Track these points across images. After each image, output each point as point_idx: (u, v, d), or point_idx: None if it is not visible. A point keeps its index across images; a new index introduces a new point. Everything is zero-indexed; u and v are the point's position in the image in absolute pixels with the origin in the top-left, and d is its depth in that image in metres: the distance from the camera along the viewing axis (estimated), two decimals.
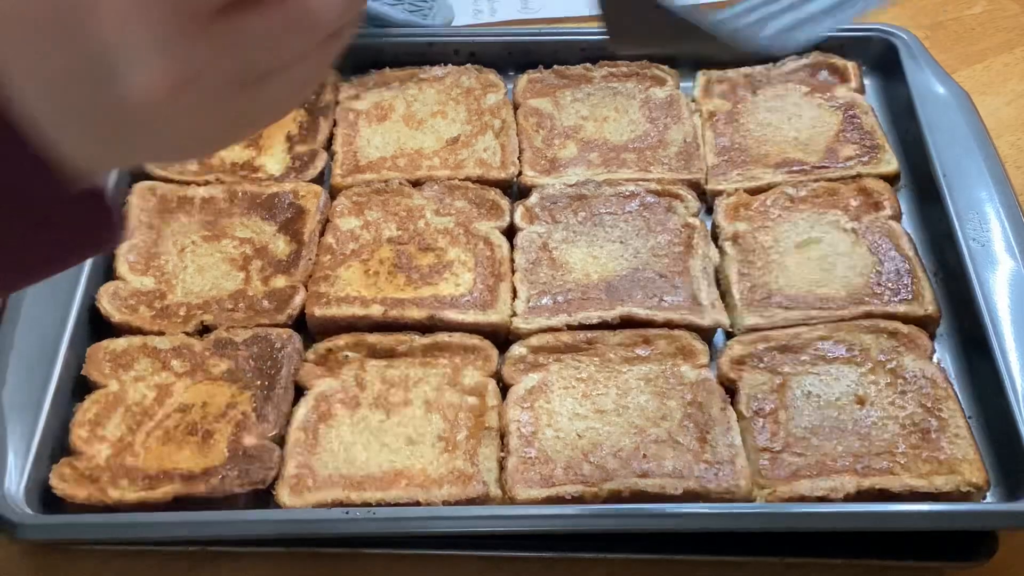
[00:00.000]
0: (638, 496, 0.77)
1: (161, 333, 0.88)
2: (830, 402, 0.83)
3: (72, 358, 0.85)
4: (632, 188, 0.98)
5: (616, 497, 0.77)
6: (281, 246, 0.94)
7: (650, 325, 0.88)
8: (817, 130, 1.03)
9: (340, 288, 0.91)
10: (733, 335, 0.88)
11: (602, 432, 0.81)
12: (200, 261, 0.93)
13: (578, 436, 0.81)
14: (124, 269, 0.92)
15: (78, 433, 0.81)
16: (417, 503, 0.77)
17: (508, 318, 0.89)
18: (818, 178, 0.98)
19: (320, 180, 1.01)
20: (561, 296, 0.90)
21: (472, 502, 0.78)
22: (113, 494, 0.77)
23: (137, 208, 0.96)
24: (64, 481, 0.78)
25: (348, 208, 0.97)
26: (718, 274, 0.93)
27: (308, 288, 0.91)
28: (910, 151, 1.01)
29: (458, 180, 0.99)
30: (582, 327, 0.88)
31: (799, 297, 0.90)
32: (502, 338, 0.89)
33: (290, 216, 0.96)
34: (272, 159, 1.02)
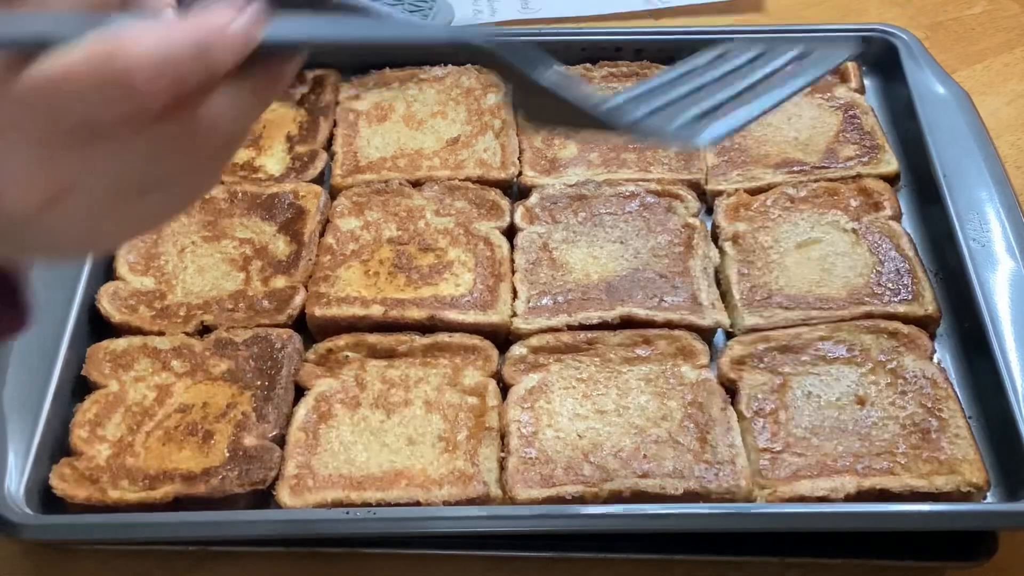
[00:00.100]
0: (638, 496, 0.77)
1: (161, 333, 0.88)
2: (830, 402, 0.83)
3: (72, 358, 0.85)
4: (632, 188, 0.98)
5: (616, 497, 0.77)
6: (281, 246, 0.94)
7: (650, 325, 0.88)
8: (817, 130, 1.03)
9: (340, 288, 0.91)
10: (733, 335, 0.88)
11: (602, 432, 0.81)
12: (200, 261, 0.93)
13: (578, 436, 0.81)
14: (124, 269, 0.92)
15: (78, 433, 0.81)
16: (417, 503, 0.77)
17: (508, 318, 0.89)
18: (818, 178, 0.98)
19: (320, 180, 1.01)
20: (561, 296, 0.90)
21: (472, 502, 0.78)
22: (113, 494, 0.77)
23: None
24: (64, 481, 0.78)
25: (348, 208, 0.97)
26: (718, 274, 0.93)
27: (308, 288, 0.91)
28: (910, 151, 1.01)
29: (458, 180, 0.99)
30: (582, 327, 0.88)
31: (799, 297, 0.89)
32: (502, 338, 0.89)
33: (290, 216, 0.96)
34: (272, 159, 1.02)
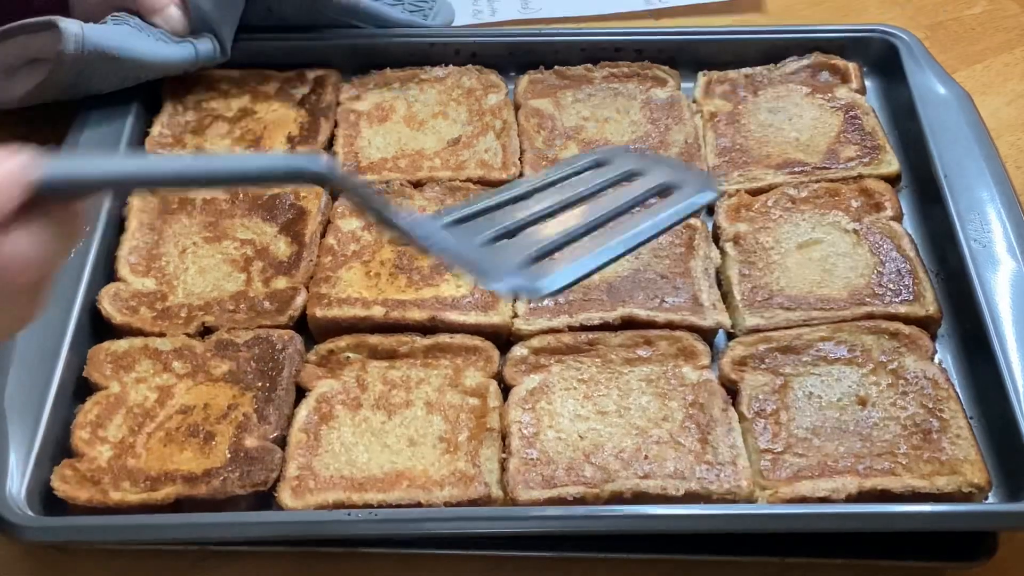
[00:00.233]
0: (640, 497, 0.77)
1: (162, 334, 0.88)
2: (832, 403, 0.83)
3: (73, 360, 0.85)
4: None
5: (618, 498, 0.77)
6: (282, 247, 0.94)
7: (651, 326, 0.88)
8: (818, 131, 1.03)
9: (341, 289, 0.90)
10: (734, 336, 0.88)
11: (603, 433, 0.81)
12: (201, 262, 0.93)
13: (580, 437, 0.81)
14: (125, 271, 0.92)
15: (79, 435, 0.81)
16: (419, 504, 0.77)
17: (509, 319, 0.89)
18: (819, 179, 0.98)
19: None
20: (562, 297, 0.90)
21: (474, 503, 0.78)
22: (114, 496, 0.77)
23: (138, 209, 0.96)
24: (65, 483, 0.78)
25: (349, 209, 0.97)
26: (719, 275, 0.93)
27: (309, 289, 0.91)
28: (911, 152, 1.01)
29: (459, 181, 0.99)
30: (583, 328, 0.88)
31: (800, 298, 0.89)
32: (503, 339, 0.89)
33: (291, 217, 0.96)
34: None
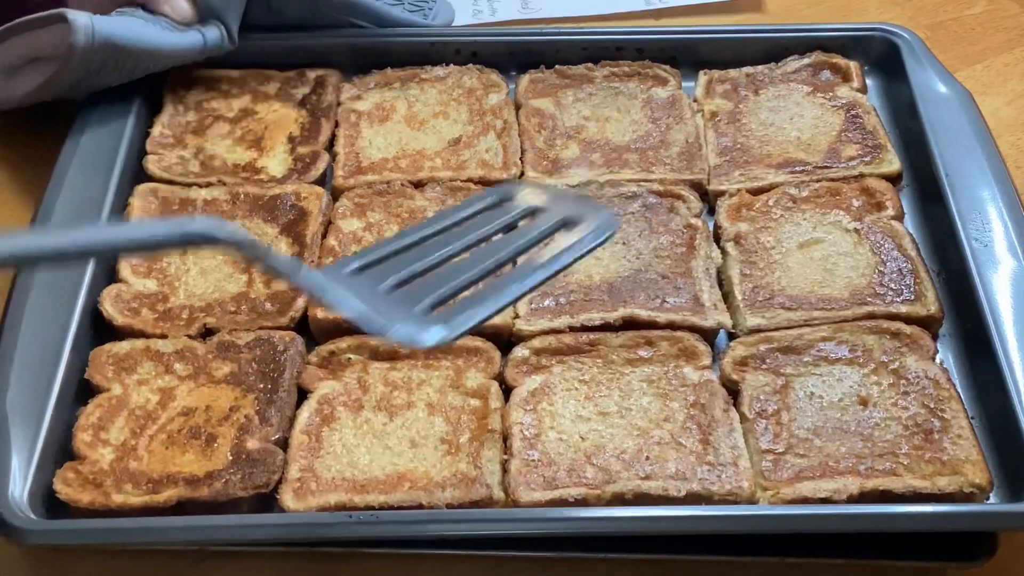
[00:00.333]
0: (641, 498, 0.77)
1: (164, 336, 0.88)
2: (833, 403, 0.83)
3: (75, 362, 0.85)
4: (634, 189, 0.97)
5: (619, 499, 0.77)
6: (283, 248, 0.94)
7: (652, 326, 0.88)
8: (819, 130, 1.02)
9: None
10: (735, 336, 0.88)
11: (605, 434, 0.81)
12: (202, 263, 0.93)
13: (581, 438, 0.81)
14: (127, 272, 0.92)
15: (81, 437, 0.81)
16: (420, 506, 0.77)
17: (510, 320, 0.89)
18: (820, 178, 0.98)
19: (322, 181, 1.00)
20: (563, 297, 0.90)
21: (475, 505, 0.78)
22: (117, 498, 0.77)
23: (139, 210, 0.96)
24: (68, 485, 0.78)
25: (350, 210, 0.97)
26: (720, 275, 0.93)
27: None
28: (912, 151, 1.01)
29: (460, 181, 0.99)
30: (584, 329, 0.88)
31: (801, 298, 0.89)
32: (504, 340, 0.89)
33: (292, 218, 0.96)
34: (274, 160, 1.02)
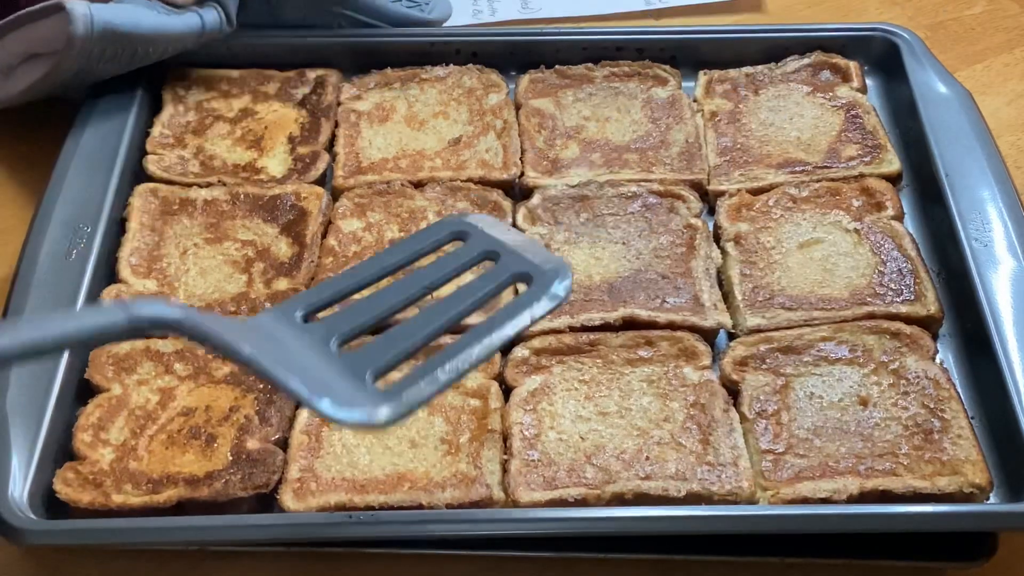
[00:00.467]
0: (641, 498, 0.77)
1: (164, 336, 0.88)
2: (833, 403, 0.83)
3: (75, 362, 0.85)
4: (634, 189, 0.97)
5: (619, 499, 0.77)
6: (283, 248, 0.94)
7: (652, 327, 0.88)
8: (819, 130, 1.02)
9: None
10: (735, 336, 0.88)
11: (605, 434, 0.81)
12: (202, 263, 0.93)
13: (581, 438, 0.81)
14: (126, 272, 0.92)
15: (81, 437, 0.81)
16: (420, 506, 0.77)
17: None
18: (820, 178, 0.98)
19: (322, 181, 1.00)
20: None
21: (475, 505, 0.78)
22: (117, 498, 0.77)
23: (139, 210, 0.96)
24: (68, 485, 0.78)
25: (350, 210, 0.97)
26: (720, 275, 0.93)
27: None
28: (912, 151, 1.01)
29: (460, 181, 0.99)
30: (584, 329, 0.88)
31: (801, 298, 0.89)
32: None
33: (292, 218, 0.96)
34: (274, 160, 1.02)
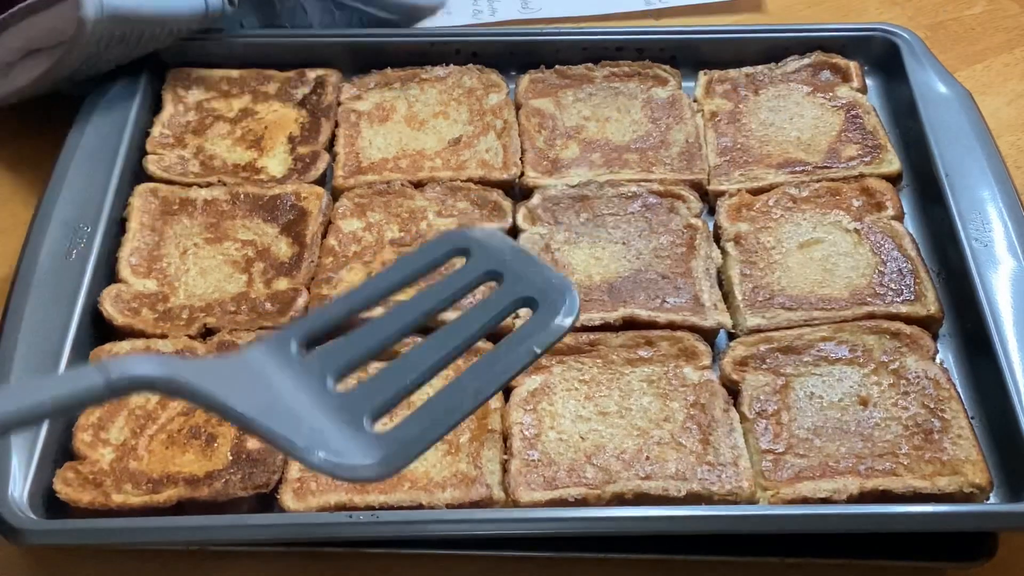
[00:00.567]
0: (641, 498, 0.77)
1: (164, 336, 0.87)
2: (833, 403, 0.83)
3: (75, 361, 0.85)
4: (634, 189, 0.97)
5: (619, 499, 0.77)
6: (283, 248, 0.94)
7: (653, 326, 0.88)
8: (819, 130, 1.03)
9: (343, 290, 0.90)
10: (736, 336, 0.88)
11: (605, 434, 0.81)
12: (202, 263, 0.93)
13: (581, 438, 0.81)
14: (126, 272, 0.92)
15: (81, 437, 0.81)
16: (420, 506, 0.77)
17: (511, 320, 0.89)
18: (820, 178, 0.98)
19: (322, 181, 1.00)
20: None
21: (475, 505, 0.78)
22: (117, 498, 0.77)
23: (139, 210, 0.96)
24: (68, 485, 0.78)
25: (350, 210, 0.97)
26: (720, 275, 0.93)
27: (310, 290, 0.91)
28: (912, 151, 1.01)
29: (460, 181, 0.99)
30: (584, 329, 0.88)
31: (801, 298, 0.89)
32: None
33: (292, 218, 0.96)
34: (274, 160, 1.02)
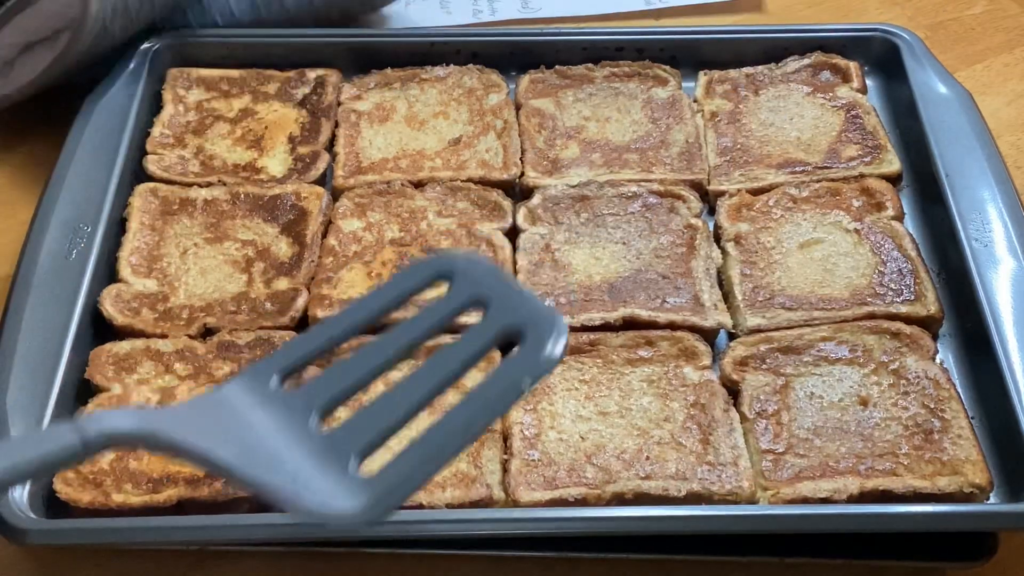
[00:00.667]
0: (641, 498, 0.77)
1: (164, 336, 0.87)
2: (833, 403, 0.83)
3: (75, 361, 0.85)
4: (634, 189, 0.97)
5: (619, 499, 0.77)
6: (283, 248, 0.94)
7: (653, 327, 0.88)
8: (819, 130, 1.03)
9: (343, 290, 0.90)
10: (736, 336, 0.88)
11: (605, 434, 0.81)
12: (202, 263, 0.93)
13: (581, 438, 0.81)
14: (127, 272, 0.92)
15: None
16: (420, 506, 0.77)
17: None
18: (820, 178, 0.98)
19: (322, 181, 1.00)
20: (564, 298, 0.90)
21: (476, 505, 0.78)
22: (117, 498, 0.77)
23: (139, 210, 0.96)
24: (68, 485, 0.78)
25: (350, 210, 0.97)
26: (720, 275, 0.93)
27: (310, 290, 0.91)
28: (912, 151, 1.01)
29: (460, 181, 0.99)
30: (585, 329, 0.88)
31: (801, 298, 0.90)
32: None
33: (292, 218, 0.96)
34: (274, 160, 1.02)
